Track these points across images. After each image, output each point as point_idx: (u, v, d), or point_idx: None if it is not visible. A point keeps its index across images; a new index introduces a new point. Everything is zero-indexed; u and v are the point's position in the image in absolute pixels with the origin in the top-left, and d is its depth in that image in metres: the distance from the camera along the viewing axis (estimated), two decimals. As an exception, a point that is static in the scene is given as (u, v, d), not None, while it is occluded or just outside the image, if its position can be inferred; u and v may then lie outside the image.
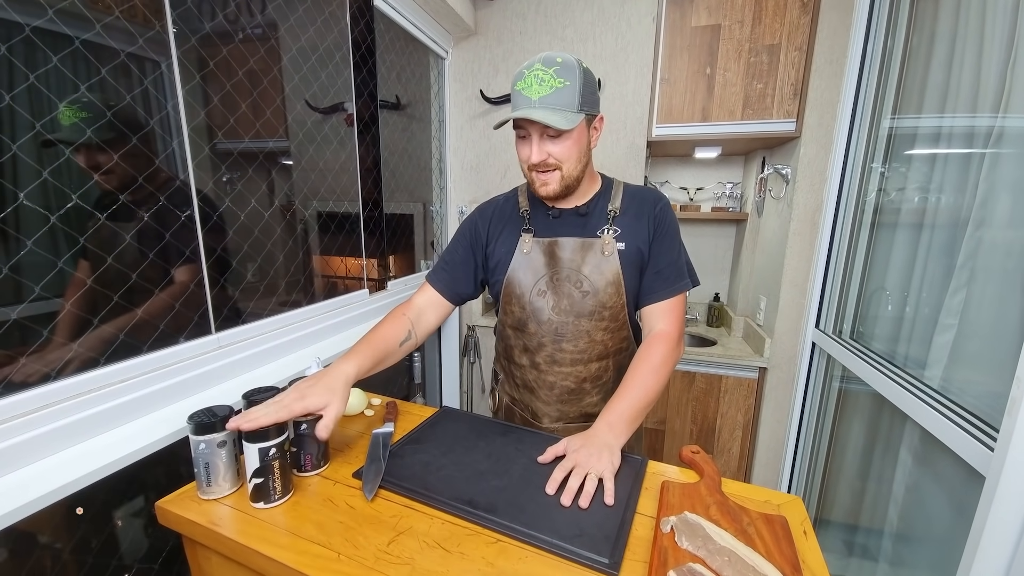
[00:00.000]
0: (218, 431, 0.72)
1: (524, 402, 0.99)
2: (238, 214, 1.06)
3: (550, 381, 0.94)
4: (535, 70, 0.78)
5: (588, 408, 0.96)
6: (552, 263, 0.90)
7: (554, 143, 0.81)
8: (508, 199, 0.99)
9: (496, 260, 0.94)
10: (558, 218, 0.91)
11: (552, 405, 0.95)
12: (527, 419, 1.00)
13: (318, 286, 1.38)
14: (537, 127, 0.79)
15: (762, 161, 1.89)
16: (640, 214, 0.90)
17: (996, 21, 0.92)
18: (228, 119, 1.04)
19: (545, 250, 0.90)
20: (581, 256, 0.88)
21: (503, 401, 1.06)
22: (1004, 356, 0.86)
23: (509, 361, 1.00)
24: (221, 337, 0.99)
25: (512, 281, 0.92)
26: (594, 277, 0.88)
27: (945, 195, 1.11)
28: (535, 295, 0.91)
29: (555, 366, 0.92)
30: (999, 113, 0.92)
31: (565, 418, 0.96)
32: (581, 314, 0.89)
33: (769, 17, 1.56)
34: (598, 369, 0.93)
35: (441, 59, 1.91)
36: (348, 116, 1.49)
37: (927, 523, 1.02)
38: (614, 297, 0.88)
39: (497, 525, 0.67)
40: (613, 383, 0.94)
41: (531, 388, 0.96)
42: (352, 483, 0.78)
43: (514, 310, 0.93)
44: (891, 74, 1.36)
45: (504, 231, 0.95)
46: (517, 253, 0.92)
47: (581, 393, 0.94)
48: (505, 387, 1.04)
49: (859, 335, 1.45)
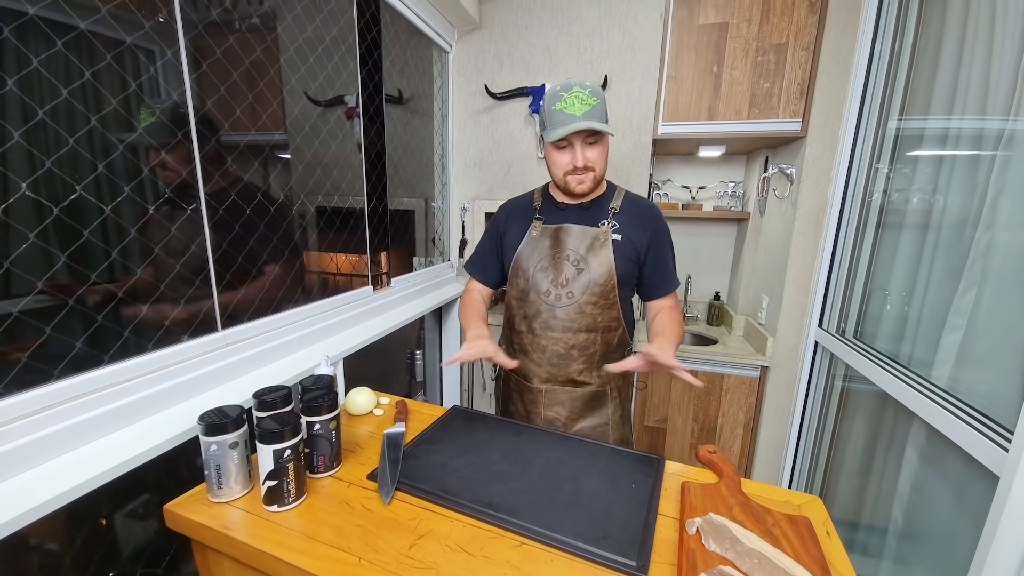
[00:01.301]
0: (229, 432, 0.69)
1: (520, 367, 1.12)
2: (243, 208, 1.03)
3: (543, 344, 1.07)
4: (574, 92, 0.94)
5: (573, 374, 1.08)
6: (555, 244, 1.06)
7: (591, 149, 0.98)
8: (525, 198, 1.17)
9: (508, 242, 1.12)
10: (564, 210, 1.08)
11: (543, 367, 1.08)
12: (520, 381, 1.13)
13: (318, 283, 1.36)
14: (580, 137, 0.96)
15: (765, 160, 1.89)
16: (637, 218, 1.06)
17: (1008, 22, 0.92)
18: (229, 112, 1.01)
19: (551, 234, 1.07)
20: (580, 240, 1.05)
21: (501, 370, 1.19)
22: (1014, 357, 0.87)
23: (510, 329, 1.14)
24: (227, 335, 0.96)
25: (520, 257, 1.09)
26: (589, 258, 1.03)
27: (952, 196, 1.12)
28: (538, 270, 1.06)
29: (548, 331, 1.06)
30: (1010, 116, 0.92)
31: (553, 380, 1.09)
32: (575, 288, 1.04)
33: (777, 16, 1.56)
34: (586, 340, 1.06)
35: (445, 53, 1.89)
36: (349, 109, 1.46)
37: (933, 521, 1.03)
38: (604, 277, 1.03)
39: (519, 528, 0.66)
40: (600, 356, 1.08)
41: (526, 351, 1.10)
42: (367, 485, 0.76)
43: (519, 282, 1.09)
44: (899, 75, 1.36)
45: (518, 220, 1.13)
46: (527, 236, 1.09)
47: (568, 359, 1.07)
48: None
49: (863, 335, 1.46)
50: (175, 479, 0.95)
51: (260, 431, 0.67)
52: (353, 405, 1.00)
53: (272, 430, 0.66)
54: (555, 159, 1.01)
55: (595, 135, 0.96)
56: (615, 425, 1.12)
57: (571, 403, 1.09)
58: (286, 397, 0.77)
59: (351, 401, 1.00)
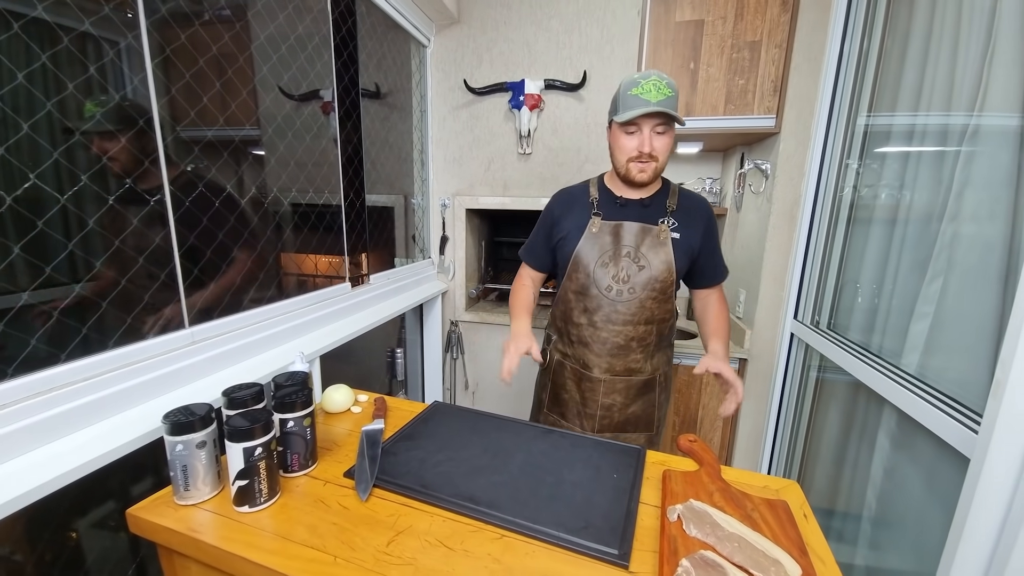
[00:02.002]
0: (196, 431, 0.67)
1: (577, 356, 1.16)
2: (212, 202, 0.99)
3: (603, 337, 1.10)
4: (652, 80, 0.97)
5: (631, 363, 1.12)
6: (616, 241, 1.08)
7: (659, 138, 1.00)
8: (580, 188, 1.18)
9: (564, 234, 1.13)
10: (624, 207, 1.10)
11: (603, 357, 1.11)
12: (577, 369, 1.16)
13: (295, 279, 1.32)
14: (650, 123, 0.98)
15: (741, 157, 1.93)
16: (693, 215, 1.11)
17: (973, 21, 0.95)
18: (193, 105, 0.97)
19: (611, 231, 1.09)
20: (641, 238, 1.07)
21: (554, 358, 1.22)
22: (980, 342, 0.90)
23: (567, 321, 1.16)
24: (195, 332, 0.92)
25: (580, 253, 1.10)
26: (650, 256, 1.07)
27: (919, 191, 1.15)
28: (598, 266, 1.08)
29: (609, 324, 1.09)
30: (974, 111, 0.95)
31: (612, 370, 1.12)
32: (636, 284, 1.07)
33: (751, 14, 1.59)
34: (644, 331, 1.10)
35: (423, 47, 1.86)
36: (325, 104, 1.43)
37: (906, 504, 1.06)
38: (664, 273, 1.07)
39: (501, 520, 0.65)
40: (655, 345, 1.14)
41: (586, 343, 1.13)
42: (344, 483, 0.74)
43: (579, 277, 1.11)
44: (867, 72, 1.40)
45: (574, 212, 1.13)
46: (587, 232, 1.10)
47: (628, 350, 1.11)
48: (558, 345, 1.21)
49: (836, 325, 1.50)
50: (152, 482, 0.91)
51: (229, 429, 0.64)
52: (330, 403, 0.97)
53: (241, 427, 0.64)
54: (622, 144, 1.03)
55: (665, 125, 0.99)
56: (660, 405, 1.20)
57: (627, 390, 1.14)
58: (258, 394, 0.74)
59: (328, 398, 0.97)
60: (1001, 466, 0.65)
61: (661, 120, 0.98)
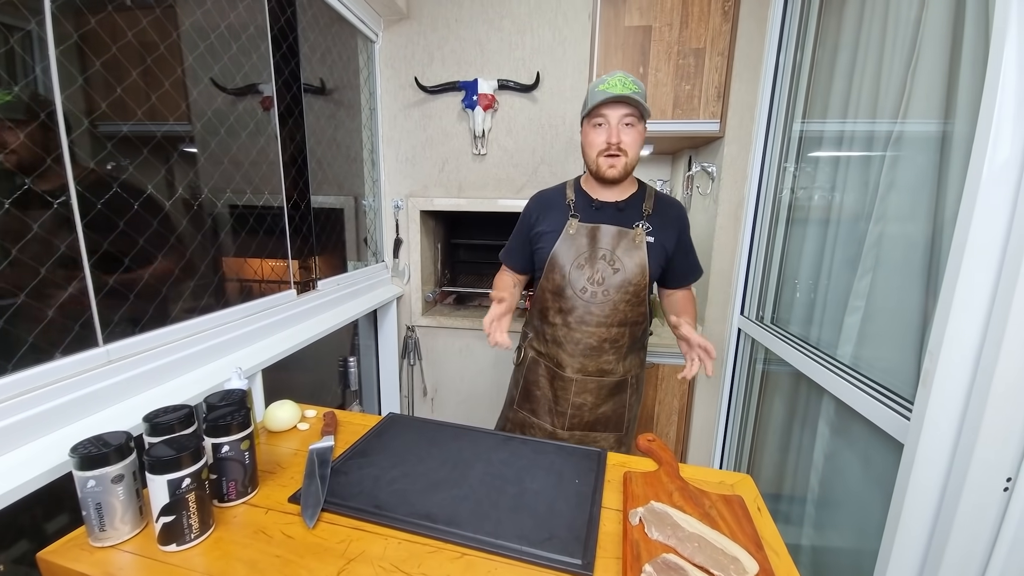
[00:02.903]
0: (111, 464, 0.59)
1: (551, 354, 1.17)
2: (132, 205, 0.89)
3: (577, 337, 1.11)
4: (618, 76, 1.02)
5: (604, 364, 1.13)
6: (592, 244, 1.09)
7: (627, 131, 1.02)
8: (556, 191, 1.20)
9: (541, 234, 1.14)
10: (600, 209, 1.11)
11: (576, 358, 1.13)
12: (551, 367, 1.18)
13: (230, 289, 1.22)
14: (617, 114, 1.00)
15: (689, 160, 2.00)
16: (668, 219, 1.13)
17: (897, 34, 1.02)
18: (109, 97, 0.87)
19: (588, 233, 1.10)
20: (617, 241, 1.08)
21: (528, 355, 1.23)
22: (907, 334, 0.97)
23: (543, 321, 1.17)
24: (111, 350, 0.82)
25: (557, 254, 1.11)
26: (624, 259, 1.08)
27: (849, 192, 1.23)
28: (575, 267, 1.09)
29: (583, 325, 1.10)
30: (897, 119, 1.02)
31: (584, 370, 1.13)
32: (611, 286, 1.08)
33: (695, 22, 1.64)
34: (617, 333, 1.11)
35: (371, 42, 1.79)
36: (264, 99, 1.34)
37: (847, 487, 1.13)
38: (639, 276, 1.08)
39: (460, 538, 0.62)
40: (627, 347, 1.15)
41: (560, 343, 1.14)
42: (289, 508, 0.68)
43: (555, 277, 1.11)
44: (800, 81, 1.49)
45: (551, 214, 1.14)
46: (564, 233, 1.11)
47: (600, 351, 1.12)
48: (533, 343, 1.23)
49: (778, 320, 1.58)
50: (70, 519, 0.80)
51: (149, 460, 0.57)
52: (273, 421, 0.90)
53: (165, 457, 0.57)
54: (591, 139, 1.05)
55: (632, 117, 1.01)
56: (630, 406, 1.20)
57: (598, 391, 1.15)
58: (186, 418, 0.67)
59: (271, 416, 0.90)
60: (933, 451, 0.70)
61: (628, 111, 1.00)
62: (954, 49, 0.87)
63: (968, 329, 0.67)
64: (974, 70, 0.81)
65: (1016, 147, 0.61)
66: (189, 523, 0.60)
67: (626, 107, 1.01)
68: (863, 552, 0.98)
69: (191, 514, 0.59)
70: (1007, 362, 0.61)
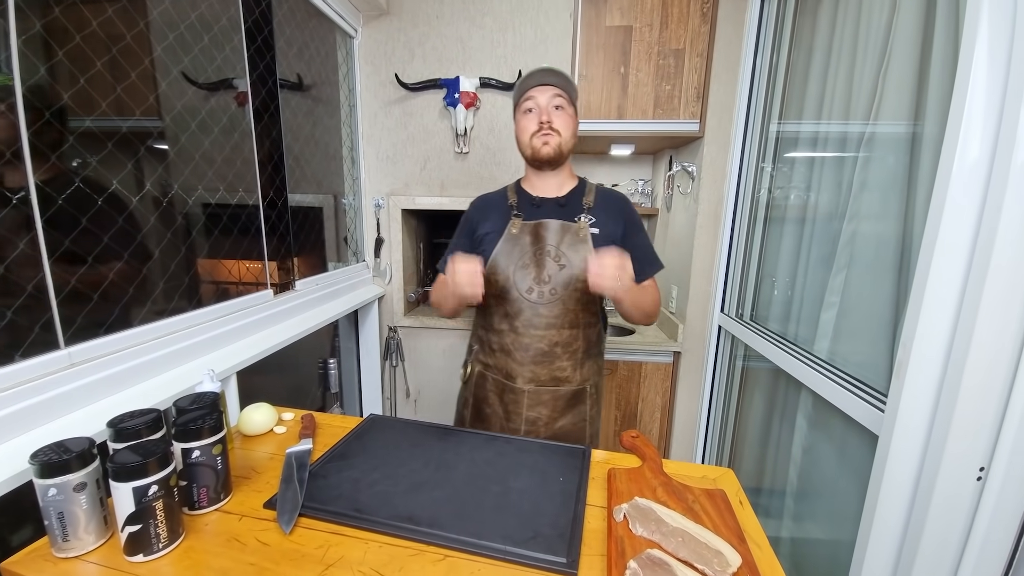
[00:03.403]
0: (73, 471, 0.56)
1: (499, 366, 1.09)
2: (98, 202, 0.85)
3: (525, 343, 1.05)
4: (541, 66, 1.03)
5: (557, 372, 1.06)
6: (536, 241, 1.04)
7: (557, 113, 1.01)
8: (498, 195, 1.15)
9: (483, 236, 1.08)
10: (540, 207, 1.08)
11: (526, 366, 1.05)
12: (499, 380, 1.09)
13: (203, 290, 1.18)
14: (545, 95, 1.00)
15: (669, 160, 2.02)
16: (611, 211, 1.08)
17: (869, 38, 1.05)
18: (81, 92, 0.83)
19: (531, 231, 1.05)
20: (561, 236, 1.04)
21: (475, 370, 1.14)
22: (880, 328, 0.99)
23: (487, 329, 1.11)
24: (73, 352, 0.78)
25: (499, 255, 1.05)
26: (570, 254, 1.03)
27: (824, 191, 1.26)
28: (519, 267, 1.04)
29: (532, 329, 1.04)
30: (869, 120, 1.05)
31: (536, 380, 1.06)
32: (558, 284, 1.03)
33: (674, 23, 1.66)
34: (569, 336, 1.05)
35: (350, 38, 1.76)
36: (239, 94, 1.30)
37: (825, 480, 1.15)
38: (586, 272, 1.00)
39: (443, 540, 0.61)
40: (583, 353, 1.07)
41: (507, 351, 1.07)
42: (264, 515, 0.66)
43: (498, 280, 1.05)
44: (777, 83, 1.52)
45: (492, 216, 1.10)
46: (506, 233, 1.06)
47: (552, 356, 1.05)
48: (479, 356, 1.14)
49: (757, 317, 1.61)
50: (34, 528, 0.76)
51: (113, 467, 0.54)
52: (249, 424, 0.87)
53: (129, 464, 0.54)
54: (524, 125, 1.03)
55: (561, 98, 1.00)
56: (591, 420, 1.12)
57: (553, 403, 1.06)
58: (154, 423, 0.64)
59: (246, 420, 0.87)
60: (907, 442, 0.72)
61: (556, 92, 1.00)
62: (924, 53, 0.90)
63: (939, 322, 0.69)
64: (943, 73, 0.83)
65: (985, 148, 0.64)
66: (157, 532, 0.57)
67: (554, 89, 1.00)
68: (841, 543, 1.00)
69: (159, 523, 0.57)
70: (978, 354, 0.63)
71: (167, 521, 0.57)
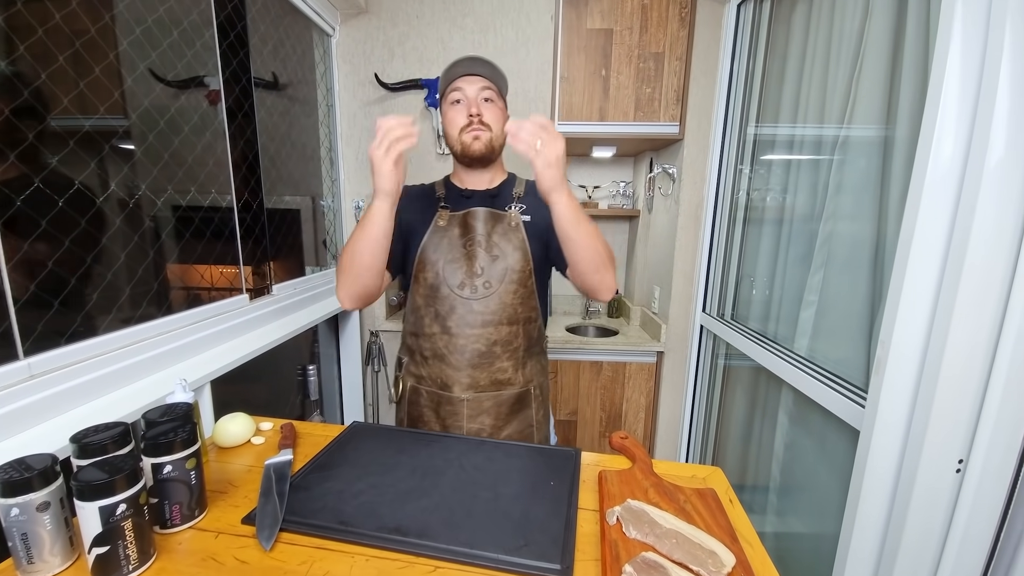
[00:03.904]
0: (36, 490, 0.52)
1: (433, 376, 0.99)
2: (61, 206, 0.80)
3: (461, 344, 0.97)
4: (469, 53, 0.96)
5: (498, 374, 0.98)
6: (466, 232, 0.98)
7: (487, 106, 0.94)
8: (425, 187, 1.08)
9: (409, 231, 1.00)
10: (470, 198, 1.01)
11: (463, 371, 0.97)
12: (434, 392, 0.99)
13: (175, 296, 1.13)
14: (474, 87, 0.93)
15: (650, 162, 2.04)
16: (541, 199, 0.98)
17: (842, 44, 1.08)
18: (41, 87, 0.78)
19: (460, 222, 0.99)
20: (492, 225, 0.98)
21: (407, 385, 1.04)
22: (857, 325, 1.02)
23: (417, 335, 1.01)
24: (33, 363, 0.73)
25: (426, 248, 0.98)
26: (503, 244, 0.98)
27: (801, 193, 1.29)
28: (448, 261, 0.97)
29: (466, 328, 0.96)
30: (843, 124, 1.08)
31: (476, 385, 0.98)
32: (492, 277, 0.97)
33: (654, 27, 1.68)
34: (508, 333, 0.98)
35: (327, 36, 1.72)
36: (211, 93, 1.25)
37: (808, 475, 1.17)
38: (521, 262, 0.98)
39: (433, 551, 0.59)
40: (524, 351, 1.00)
41: (441, 356, 0.98)
42: (243, 531, 0.63)
43: (427, 276, 0.98)
44: (754, 87, 1.55)
45: (419, 208, 1.01)
46: (433, 226, 0.99)
47: (492, 357, 0.97)
48: (410, 368, 1.04)
49: (737, 316, 1.64)
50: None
51: (77, 485, 0.50)
52: (224, 435, 0.83)
53: (95, 481, 0.50)
54: (451, 118, 0.96)
55: (490, 91, 0.94)
56: (539, 425, 1.05)
57: (496, 409, 0.99)
58: (121, 437, 0.60)
59: (221, 431, 0.83)
60: (887, 436, 0.73)
61: (485, 84, 0.94)
62: (895, 59, 0.93)
63: (916, 320, 0.71)
64: (914, 78, 0.86)
65: (958, 149, 0.66)
66: (126, 553, 0.53)
67: (482, 81, 0.94)
68: (824, 536, 1.02)
69: (128, 543, 0.53)
70: (954, 349, 0.65)
71: (137, 541, 0.54)
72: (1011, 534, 0.68)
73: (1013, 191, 0.61)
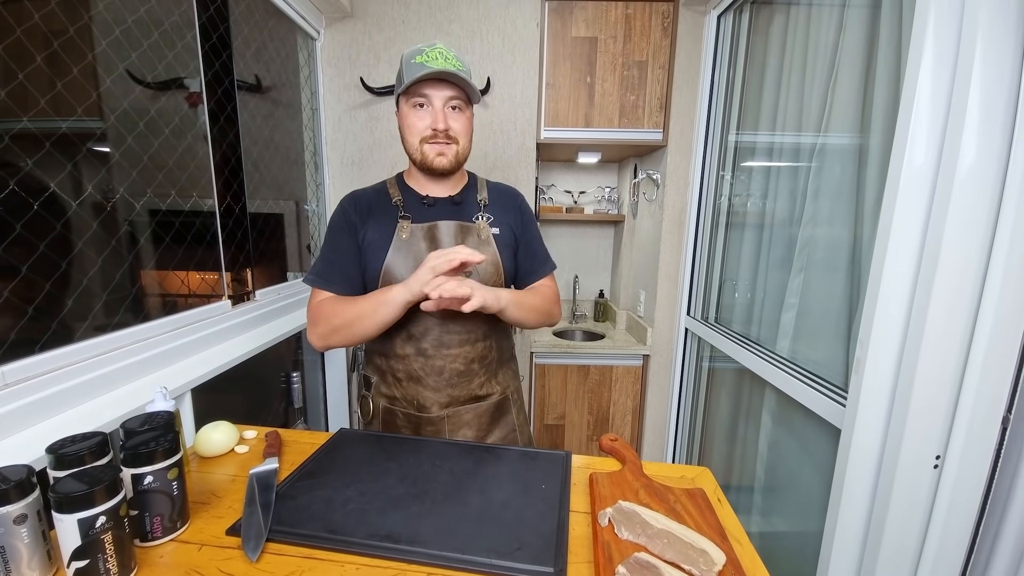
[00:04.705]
0: (12, 502, 0.50)
1: (408, 397, 0.95)
2: (34, 209, 0.78)
3: (439, 366, 0.92)
4: (438, 48, 0.84)
5: (476, 389, 0.96)
6: (433, 247, 0.90)
7: (454, 116, 0.87)
8: (377, 191, 0.97)
9: (369, 246, 0.92)
10: (433, 207, 0.94)
11: (442, 391, 0.93)
12: (411, 414, 0.95)
13: (154, 302, 1.10)
14: (441, 96, 0.85)
15: (634, 168, 2.08)
16: (506, 205, 0.99)
17: (818, 55, 1.12)
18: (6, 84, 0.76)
19: (425, 235, 0.91)
20: (461, 239, 0.92)
21: (378, 405, 0.99)
22: (836, 327, 1.05)
23: (387, 356, 0.95)
24: (7, 372, 0.70)
25: (391, 266, 0.90)
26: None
27: (780, 198, 1.33)
28: None
29: (443, 349, 0.92)
30: (820, 132, 1.12)
31: (455, 402, 0.94)
32: None
33: (637, 36, 1.72)
34: (484, 349, 0.95)
35: (312, 39, 1.71)
36: (191, 95, 1.23)
37: (791, 474, 1.20)
38: (495, 276, 0.92)
39: (425, 557, 0.58)
40: (497, 361, 0.98)
41: (417, 378, 0.93)
42: (228, 542, 0.61)
43: None
44: (734, 96, 1.59)
45: (374, 218, 0.93)
46: (395, 239, 0.90)
47: (470, 374, 0.94)
48: (380, 389, 0.98)
49: (721, 319, 1.67)
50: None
51: (55, 497, 0.49)
52: (207, 445, 0.81)
53: (73, 493, 0.48)
54: (411, 123, 0.86)
55: (459, 100, 0.86)
56: (520, 428, 1.04)
57: (477, 421, 0.96)
58: (99, 447, 0.58)
59: (203, 440, 0.81)
60: (867, 434, 0.75)
61: (454, 93, 0.85)
62: (868, 70, 0.96)
63: (893, 321, 0.74)
64: (887, 88, 0.89)
65: (930, 155, 0.68)
66: (106, 567, 0.51)
67: (452, 88, 0.85)
68: (808, 534, 1.04)
69: (108, 557, 0.51)
70: (930, 348, 0.67)
71: (117, 555, 0.52)
72: (989, 526, 0.70)
73: (984, 196, 0.64)
